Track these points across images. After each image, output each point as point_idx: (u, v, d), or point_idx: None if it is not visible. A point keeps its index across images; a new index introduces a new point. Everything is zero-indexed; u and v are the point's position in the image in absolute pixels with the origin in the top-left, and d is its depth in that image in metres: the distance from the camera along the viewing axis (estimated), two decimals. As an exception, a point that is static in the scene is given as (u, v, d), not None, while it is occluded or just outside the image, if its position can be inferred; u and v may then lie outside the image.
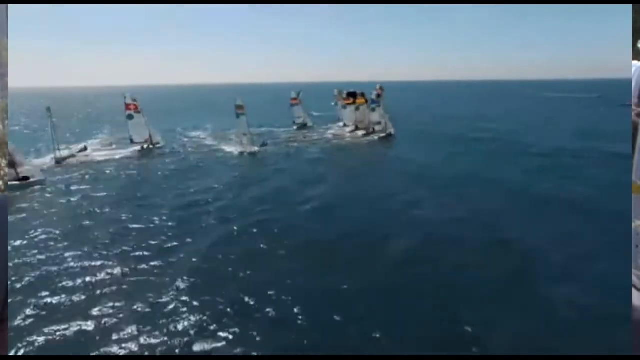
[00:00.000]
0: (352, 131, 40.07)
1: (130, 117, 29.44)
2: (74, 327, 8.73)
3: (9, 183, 20.84)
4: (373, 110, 37.29)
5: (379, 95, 36.67)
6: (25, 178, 21.41)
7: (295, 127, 42.07)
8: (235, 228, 14.63)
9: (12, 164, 20.95)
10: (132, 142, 29.89)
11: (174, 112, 68.54)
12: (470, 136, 35.93)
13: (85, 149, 29.49)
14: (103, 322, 8.92)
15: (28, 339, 8.31)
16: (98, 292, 10.20)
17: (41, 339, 8.30)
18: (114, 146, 32.13)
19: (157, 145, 30.71)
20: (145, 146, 30.10)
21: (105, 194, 19.56)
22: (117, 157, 28.18)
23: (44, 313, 9.24)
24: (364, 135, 37.59)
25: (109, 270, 11.31)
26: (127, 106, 29.23)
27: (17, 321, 8.85)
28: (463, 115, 58.89)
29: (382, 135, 36.38)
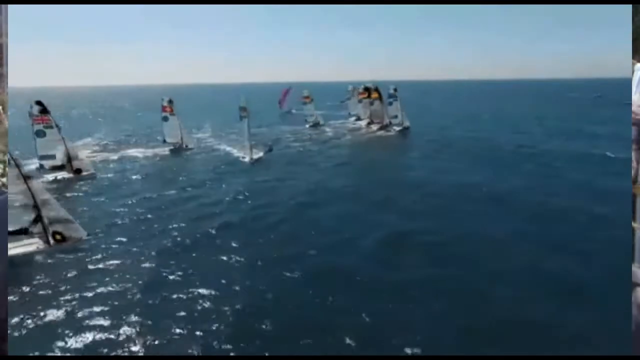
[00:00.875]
0: (367, 125, 42.36)
1: (165, 118, 30.55)
2: (70, 324, 8.96)
3: (65, 176, 22.36)
4: (390, 104, 39.43)
5: (395, 90, 38.93)
6: (78, 171, 22.79)
7: (307, 126, 43.44)
8: (224, 225, 15.14)
9: (69, 158, 22.59)
10: (164, 142, 31.00)
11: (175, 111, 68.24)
12: (468, 135, 36.95)
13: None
14: (101, 318, 9.19)
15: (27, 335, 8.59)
16: (92, 288, 10.49)
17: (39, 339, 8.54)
18: (103, 147, 33.12)
19: (188, 147, 31.31)
20: (177, 146, 31.08)
21: (98, 196, 19.60)
22: (114, 157, 28.87)
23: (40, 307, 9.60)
24: (379, 129, 39.79)
25: (99, 266, 11.88)
26: (164, 108, 30.27)
27: (16, 319, 9.04)
28: (465, 114, 59.50)
29: (399, 128, 38.76)
